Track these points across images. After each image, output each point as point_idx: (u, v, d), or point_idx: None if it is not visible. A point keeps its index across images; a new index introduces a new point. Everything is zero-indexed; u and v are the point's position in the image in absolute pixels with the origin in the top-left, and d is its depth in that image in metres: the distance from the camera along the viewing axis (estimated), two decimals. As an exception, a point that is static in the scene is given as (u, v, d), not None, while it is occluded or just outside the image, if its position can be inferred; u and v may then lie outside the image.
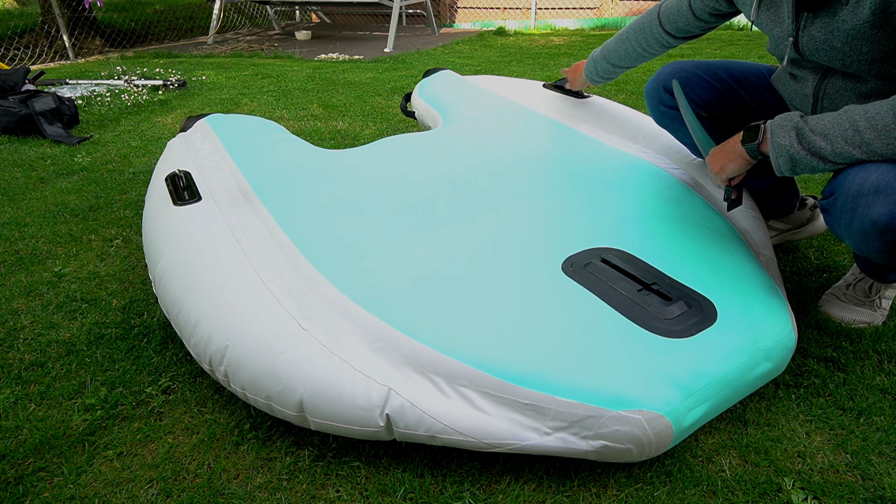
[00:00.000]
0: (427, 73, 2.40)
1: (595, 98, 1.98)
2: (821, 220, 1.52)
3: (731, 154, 1.08)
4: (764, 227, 1.28)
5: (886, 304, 1.24)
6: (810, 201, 1.52)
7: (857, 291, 1.24)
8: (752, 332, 0.95)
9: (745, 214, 1.29)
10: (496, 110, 1.93)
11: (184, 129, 1.80)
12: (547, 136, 1.70)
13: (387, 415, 0.86)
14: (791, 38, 1.03)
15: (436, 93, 2.19)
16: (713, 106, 1.29)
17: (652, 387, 0.85)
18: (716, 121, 1.31)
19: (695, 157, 1.49)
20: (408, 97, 2.39)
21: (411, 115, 2.34)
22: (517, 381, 0.85)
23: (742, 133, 1.05)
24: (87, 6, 5.12)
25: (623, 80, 3.58)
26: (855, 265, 1.26)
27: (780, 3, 1.04)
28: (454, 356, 0.88)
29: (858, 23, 0.91)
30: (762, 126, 1.01)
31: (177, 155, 1.61)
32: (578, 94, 1.99)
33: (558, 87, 2.07)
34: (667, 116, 1.35)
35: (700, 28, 1.27)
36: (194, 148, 1.64)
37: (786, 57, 1.09)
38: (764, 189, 1.42)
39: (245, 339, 0.95)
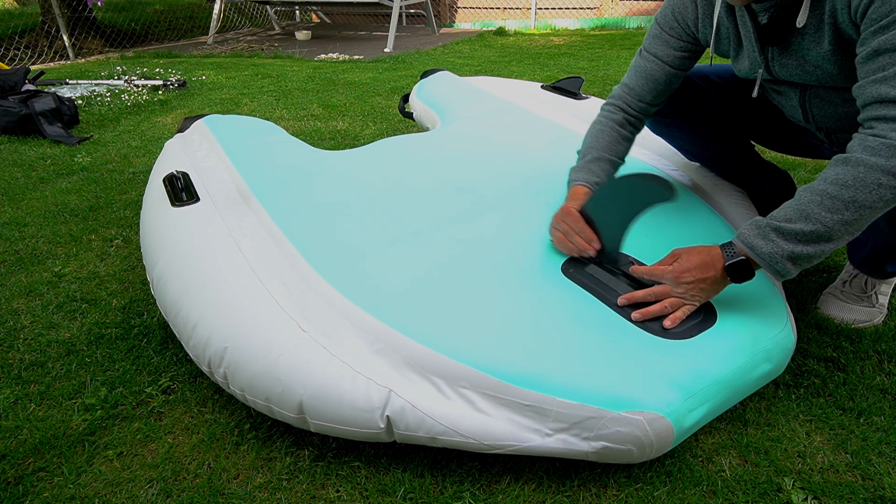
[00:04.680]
0: (425, 75, 2.40)
1: (593, 99, 1.99)
2: None
3: (708, 269, 0.93)
4: None
5: (883, 299, 1.25)
6: None
7: (853, 288, 1.24)
8: (751, 332, 0.95)
9: (744, 216, 1.29)
10: (494, 111, 1.93)
11: (181, 130, 1.80)
12: (545, 136, 1.70)
13: (387, 416, 0.86)
14: (761, 70, 1.05)
15: (434, 94, 2.19)
16: (706, 109, 1.28)
17: (653, 388, 0.85)
18: (711, 121, 1.31)
19: (691, 160, 1.49)
20: (406, 98, 2.38)
21: (409, 115, 2.33)
22: (518, 383, 0.85)
23: (721, 262, 0.92)
24: (88, 6, 5.12)
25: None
26: (848, 263, 1.27)
27: (742, 42, 1.05)
28: (454, 357, 0.88)
29: (822, 51, 0.94)
30: (733, 246, 0.92)
31: (174, 156, 1.61)
32: (576, 95, 2.00)
33: (556, 87, 2.08)
34: (663, 125, 1.34)
35: (679, 79, 1.18)
36: (192, 149, 1.63)
37: (758, 83, 1.08)
38: (764, 192, 1.42)
39: (244, 340, 0.94)
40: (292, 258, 1.12)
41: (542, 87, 2.15)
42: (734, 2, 0.95)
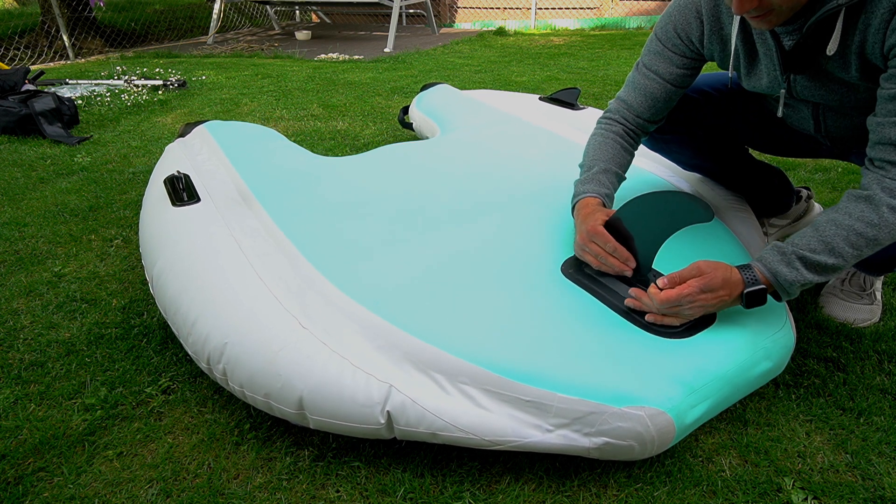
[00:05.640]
0: (424, 88, 2.43)
1: (590, 109, 2.02)
2: (816, 210, 1.55)
3: (724, 290, 0.91)
4: (759, 228, 1.28)
5: (879, 294, 1.26)
6: (804, 193, 1.53)
7: (852, 286, 1.25)
8: (750, 330, 0.95)
9: (743, 222, 1.29)
10: (493, 121, 1.96)
11: (182, 135, 1.82)
12: (543, 145, 1.71)
13: (388, 412, 0.86)
14: (783, 90, 1.03)
15: (433, 105, 2.22)
16: (704, 122, 1.27)
17: (654, 383, 0.85)
18: (710, 134, 1.30)
19: (687, 171, 1.48)
20: (405, 110, 2.43)
21: (409, 126, 2.36)
22: (519, 378, 0.85)
23: (741, 289, 0.91)
24: (90, 6, 5.12)
25: (621, 81, 3.57)
26: None
27: (759, 61, 1.02)
28: (455, 353, 0.88)
29: (848, 76, 0.93)
30: (753, 271, 0.91)
31: (175, 159, 1.62)
32: (573, 106, 2.03)
33: (554, 99, 2.11)
34: (661, 142, 1.34)
35: (678, 96, 1.15)
36: (192, 153, 1.65)
37: (781, 103, 1.05)
38: (762, 195, 1.43)
39: (244, 336, 0.94)
40: (293, 257, 1.12)
41: (539, 98, 2.17)
42: (759, 27, 0.91)
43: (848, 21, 0.86)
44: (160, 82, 3.55)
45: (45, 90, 2.87)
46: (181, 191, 1.37)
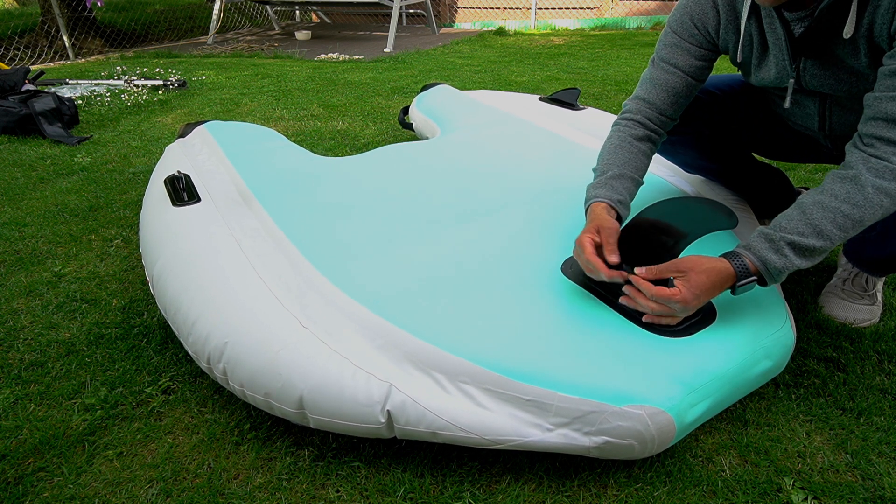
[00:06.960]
0: (425, 88, 2.44)
1: (590, 110, 2.03)
2: None
3: (716, 290, 0.90)
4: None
5: (880, 296, 1.26)
6: (804, 193, 1.53)
7: (854, 287, 1.25)
8: (751, 330, 0.95)
9: (740, 218, 1.29)
10: (493, 121, 1.96)
11: (182, 136, 1.82)
12: (543, 145, 1.71)
13: (388, 411, 0.86)
14: (792, 80, 1.02)
15: (434, 105, 2.22)
16: (710, 122, 1.27)
17: (654, 382, 0.85)
18: (716, 134, 1.30)
19: (690, 173, 1.48)
20: (406, 110, 2.42)
21: (409, 126, 2.37)
22: (519, 378, 0.85)
23: (733, 282, 0.90)
24: (87, 6, 5.12)
25: (621, 81, 3.58)
26: (846, 261, 1.27)
27: (769, 52, 1.02)
28: (455, 353, 0.88)
29: (858, 63, 0.93)
30: (743, 260, 0.90)
31: (175, 159, 1.63)
32: (573, 106, 2.03)
33: (554, 99, 2.11)
34: (668, 143, 1.33)
35: (696, 91, 1.13)
36: (193, 153, 1.65)
37: (789, 93, 1.04)
38: (764, 196, 1.43)
39: (244, 336, 0.95)
40: (293, 257, 1.12)
41: (539, 98, 2.18)
42: (764, 3, 0.90)
43: (859, 4, 0.86)
44: (160, 82, 3.55)
45: (45, 90, 2.87)
46: (181, 191, 1.38)
